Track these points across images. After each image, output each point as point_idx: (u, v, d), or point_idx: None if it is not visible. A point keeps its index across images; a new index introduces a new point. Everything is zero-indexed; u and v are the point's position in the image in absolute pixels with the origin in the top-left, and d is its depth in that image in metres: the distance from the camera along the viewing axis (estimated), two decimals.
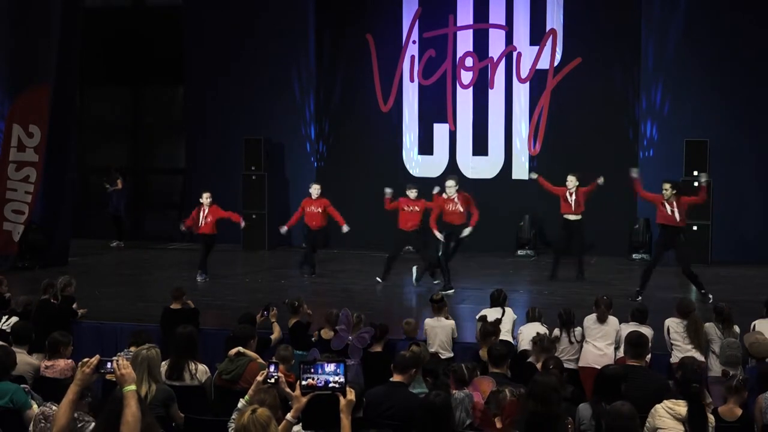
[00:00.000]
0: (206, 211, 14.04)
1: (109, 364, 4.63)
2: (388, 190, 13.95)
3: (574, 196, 13.85)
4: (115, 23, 19.76)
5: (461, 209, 13.26)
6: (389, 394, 6.66)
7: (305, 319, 9.83)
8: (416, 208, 13.72)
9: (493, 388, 6.85)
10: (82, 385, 4.67)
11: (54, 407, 5.98)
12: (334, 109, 18.31)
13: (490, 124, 17.46)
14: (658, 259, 12.77)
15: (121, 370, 4.58)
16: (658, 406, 6.21)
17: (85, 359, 4.69)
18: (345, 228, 14.21)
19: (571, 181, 13.92)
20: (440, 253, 13.33)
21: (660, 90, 16.58)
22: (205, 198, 14.09)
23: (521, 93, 17.31)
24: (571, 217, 13.92)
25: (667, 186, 12.53)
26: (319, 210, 14.32)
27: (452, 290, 13.03)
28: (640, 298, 12.16)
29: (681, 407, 6.18)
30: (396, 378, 6.89)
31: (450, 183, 13.40)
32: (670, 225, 12.46)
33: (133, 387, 4.57)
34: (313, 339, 9.53)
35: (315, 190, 14.49)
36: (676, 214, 12.40)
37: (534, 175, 14.61)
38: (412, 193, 13.81)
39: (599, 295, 9.55)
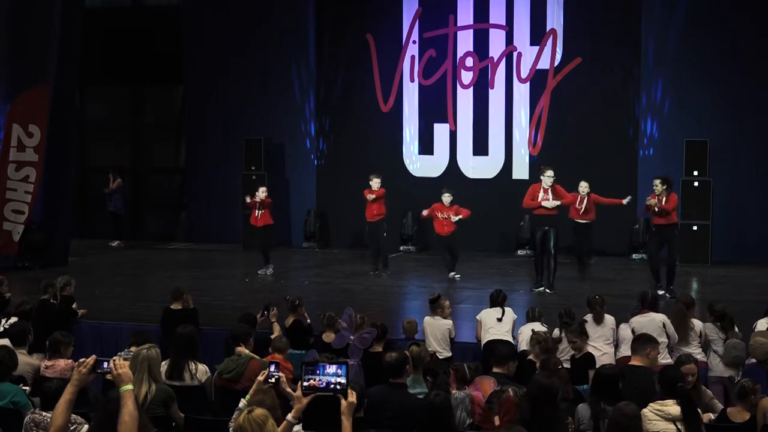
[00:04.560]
0: (261, 207, 14.34)
1: (105, 364, 4.62)
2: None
3: (585, 203, 13.99)
4: (115, 23, 19.76)
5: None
6: (389, 395, 6.53)
7: (304, 321, 9.82)
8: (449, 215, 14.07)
9: (494, 388, 6.86)
10: (79, 386, 4.66)
11: (44, 413, 5.97)
12: (335, 108, 18.32)
13: (490, 124, 17.46)
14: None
15: (117, 369, 4.56)
16: (645, 410, 6.04)
17: (82, 359, 4.68)
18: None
19: (584, 187, 14.08)
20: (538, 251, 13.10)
21: (660, 90, 16.59)
22: (261, 192, 14.40)
23: (521, 93, 17.31)
24: (581, 221, 14.16)
25: (657, 182, 12.56)
26: (373, 197, 14.47)
27: (542, 288, 13.04)
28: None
29: (669, 407, 6.11)
30: (394, 380, 6.68)
31: (550, 173, 12.97)
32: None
33: (129, 387, 4.56)
34: (311, 341, 9.56)
35: (375, 183, 14.53)
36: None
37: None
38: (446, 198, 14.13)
39: (591, 296, 9.47)
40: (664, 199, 12.45)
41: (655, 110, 16.69)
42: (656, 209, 12.35)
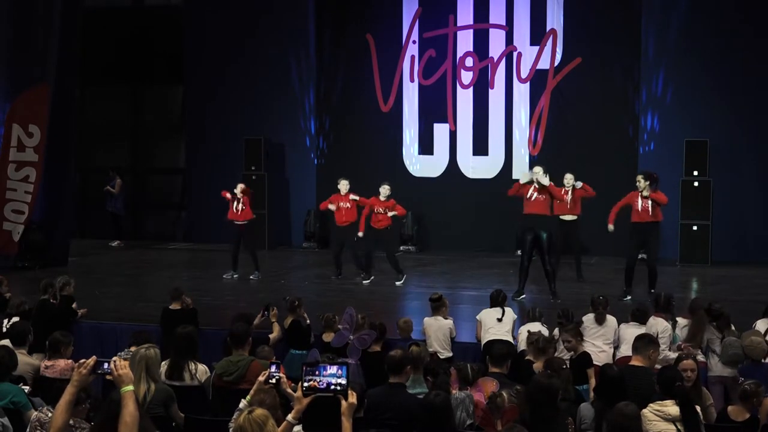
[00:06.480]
0: (240, 202, 14.04)
1: (106, 365, 4.61)
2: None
3: (570, 195, 13.67)
4: (115, 23, 19.76)
5: (542, 199, 12.32)
6: (388, 396, 6.54)
7: (303, 322, 9.82)
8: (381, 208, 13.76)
9: (496, 389, 6.85)
10: (79, 386, 4.66)
11: (50, 413, 5.97)
12: (335, 108, 18.34)
13: (490, 124, 17.46)
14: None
15: (118, 370, 4.56)
16: (644, 410, 6.02)
17: (82, 360, 4.68)
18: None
19: (569, 179, 13.73)
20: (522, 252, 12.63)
21: (660, 85, 16.59)
22: (239, 189, 14.07)
23: (521, 93, 17.31)
24: (567, 218, 13.77)
25: (639, 177, 12.32)
26: (348, 205, 14.07)
27: (524, 296, 12.51)
28: (629, 297, 12.15)
29: (669, 407, 6.11)
30: (393, 379, 6.70)
31: (537, 169, 12.39)
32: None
33: (130, 387, 4.56)
34: (311, 341, 9.55)
35: (344, 185, 14.12)
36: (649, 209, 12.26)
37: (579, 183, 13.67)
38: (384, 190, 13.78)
39: (595, 296, 9.50)
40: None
41: (655, 104, 16.67)
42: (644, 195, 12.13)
